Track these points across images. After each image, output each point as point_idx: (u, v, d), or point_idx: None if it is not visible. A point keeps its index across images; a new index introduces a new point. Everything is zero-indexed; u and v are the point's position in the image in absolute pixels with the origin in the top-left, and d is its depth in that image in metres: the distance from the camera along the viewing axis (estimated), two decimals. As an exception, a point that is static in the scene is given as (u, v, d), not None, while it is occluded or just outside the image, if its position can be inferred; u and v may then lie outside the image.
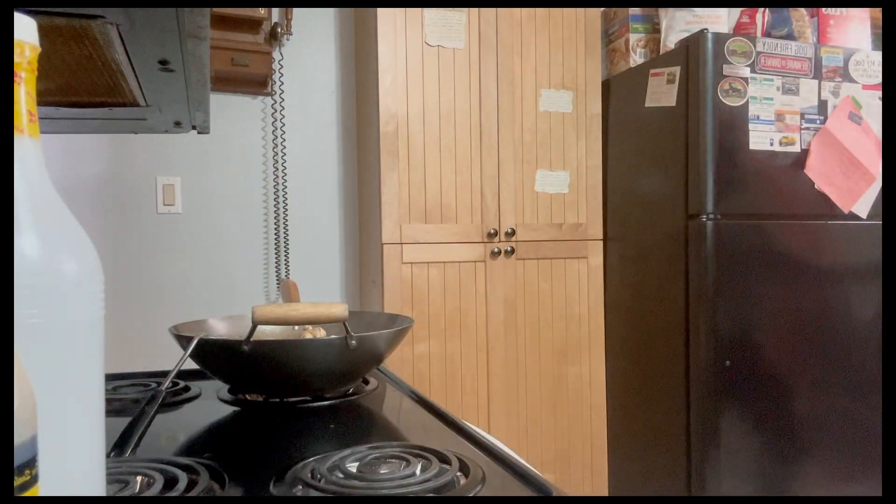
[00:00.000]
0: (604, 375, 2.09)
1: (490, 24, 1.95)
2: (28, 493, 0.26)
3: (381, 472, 0.56)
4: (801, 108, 1.80)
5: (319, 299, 2.18)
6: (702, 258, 1.73)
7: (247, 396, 0.89)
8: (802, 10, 1.93)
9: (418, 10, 1.87)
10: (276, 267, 2.13)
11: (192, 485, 0.54)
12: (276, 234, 2.13)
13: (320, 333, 0.98)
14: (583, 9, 2.06)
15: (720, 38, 1.73)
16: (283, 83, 2.13)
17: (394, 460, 0.58)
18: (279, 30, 2.03)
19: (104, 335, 0.41)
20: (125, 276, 1.98)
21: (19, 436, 0.25)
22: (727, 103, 1.73)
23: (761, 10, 1.91)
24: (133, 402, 0.85)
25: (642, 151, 1.96)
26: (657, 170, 1.90)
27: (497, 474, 0.58)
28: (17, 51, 0.34)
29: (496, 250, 1.95)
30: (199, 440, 0.70)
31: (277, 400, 0.85)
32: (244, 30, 1.91)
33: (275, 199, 2.13)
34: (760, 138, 1.76)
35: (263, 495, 0.54)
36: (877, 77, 1.88)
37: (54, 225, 0.36)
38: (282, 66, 2.12)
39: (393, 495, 0.51)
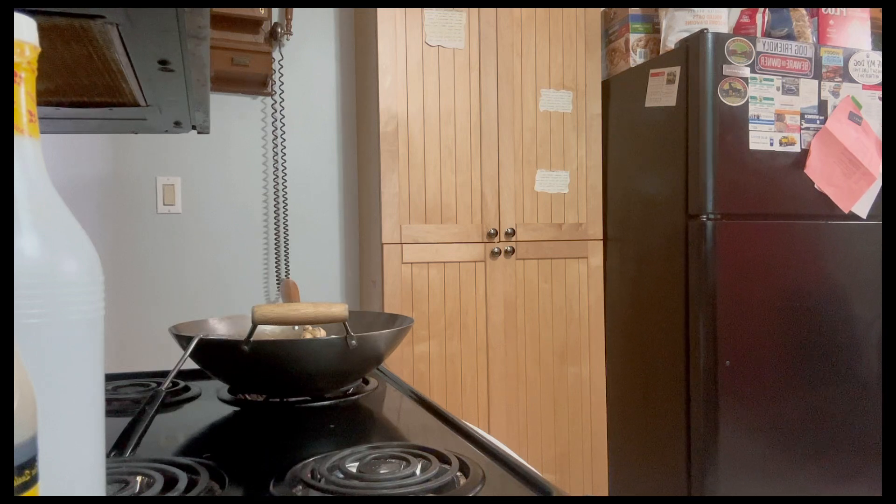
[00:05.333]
0: (604, 376, 2.09)
1: (490, 24, 1.95)
2: (28, 493, 0.26)
3: (381, 472, 0.56)
4: (801, 108, 1.80)
5: (319, 299, 2.18)
6: (702, 258, 1.73)
7: (247, 396, 0.89)
8: (802, 10, 1.93)
9: (418, 10, 1.87)
10: (276, 267, 2.13)
11: (192, 485, 0.54)
12: (276, 234, 2.13)
13: (320, 333, 0.98)
14: (583, 9, 2.06)
15: (720, 38, 1.73)
16: (283, 83, 2.13)
17: (394, 460, 0.58)
18: (279, 30, 2.03)
19: (104, 335, 0.41)
20: (125, 276, 1.98)
21: (19, 436, 0.25)
22: (727, 103, 1.73)
23: (761, 10, 1.91)
24: (133, 402, 0.85)
25: (642, 151, 1.96)
26: (657, 170, 1.90)
27: (497, 474, 0.58)
28: (17, 51, 0.34)
29: (496, 250, 1.95)
30: (199, 440, 0.70)
31: (277, 400, 0.85)
32: (244, 30, 1.91)
33: (275, 199, 2.13)
34: (760, 138, 1.76)
35: (263, 495, 0.54)
36: (877, 77, 1.88)
37: (54, 225, 0.36)
38: (282, 66, 2.12)
39: (393, 495, 0.51)
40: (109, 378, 0.98)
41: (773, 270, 1.77)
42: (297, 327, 1.00)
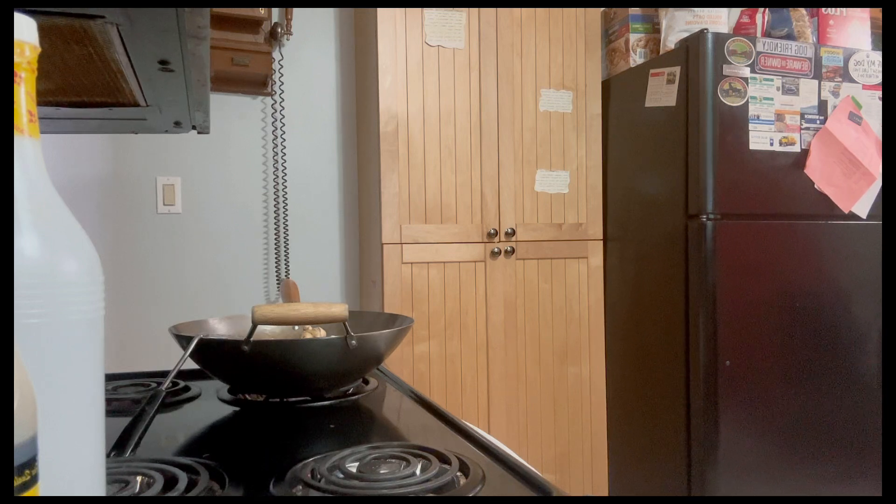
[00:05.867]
0: (604, 376, 2.09)
1: (490, 24, 1.95)
2: (28, 493, 0.26)
3: (381, 472, 0.56)
4: (801, 108, 1.80)
5: (319, 299, 2.18)
6: (702, 258, 1.73)
7: (247, 396, 0.89)
8: (802, 10, 1.93)
9: (418, 10, 1.87)
10: (276, 267, 2.13)
11: (192, 485, 0.54)
12: (276, 234, 2.13)
13: (320, 333, 0.98)
14: (583, 9, 2.06)
15: (720, 38, 1.73)
16: (283, 83, 2.13)
17: (394, 460, 0.58)
18: (279, 30, 2.03)
19: (104, 335, 0.41)
20: (125, 276, 1.98)
21: (19, 436, 0.25)
22: (727, 103, 1.73)
23: (761, 10, 1.91)
24: (133, 402, 0.85)
25: (642, 151, 1.96)
26: (657, 170, 1.90)
27: (497, 474, 0.58)
28: (17, 51, 0.34)
29: (496, 250, 1.95)
30: (199, 440, 0.70)
31: (277, 400, 0.85)
32: (244, 30, 1.91)
33: (275, 199, 2.13)
34: (760, 138, 1.76)
35: (263, 495, 0.54)
36: (877, 77, 1.88)
37: (54, 225, 0.36)
38: (282, 66, 2.12)
39: (393, 495, 0.51)
40: (109, 378, 0.98)
41: (773, 270, 1.77)
42: (297, 327, 1.00)
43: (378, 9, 1.84)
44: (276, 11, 2.09)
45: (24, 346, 0.34)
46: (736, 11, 1.94)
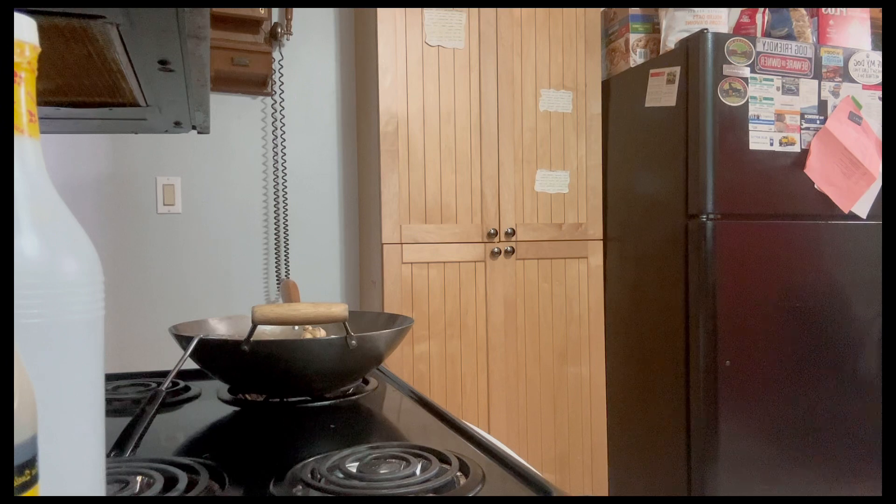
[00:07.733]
0: (604, 376, 2.09)
1: (490, 24, 1.95)
2: (28, 493, 0.26)
3: (381, 472, 0.56)
4: (801, 108, 1.80)
5: (319, 299, 2.18)
6: (702, 258, 1.73)
7: (247, 396, 0.89)
8: (802, 10, 1.93)
9: (418, 10, 1.87)
10: (276, 267, 2.13)
11: (192, 485, 0.54)
12: (276, 234, 2.13)
13: (320, 333, 0.98)
14: (583, 9, 2.06)
15: (720, 38, 1.73)
16: (283, 83, 2.13)
17: (394, 460, 0.58)
18: (279, 30, 2.03)
19: (104, 335, 0.41)
20: (125, 276, 1.98)
21: (19, 436, 0.25)
22: (727, 103, 1.73)
23: (761, 10, 1.91)
24: (133, 402, 0.85)
25: (642, 151, 1.96)
26: (657, 170, 1.90)
27: (497, 474, 0.58)
28: (17, 51, 0.34)
29: (496, 250, 1.95)
30: (199, 440, 0.70)
31: (277, 400, 0.85)
32: (244, 30, 1.91)
33: (275, 199, 2.13)
34: (760, 138, 1.76)
35: (263, 495, 0.54)
36: (877, 77, 1.88)
37: (54, 225, 0.36)
38: (282, 66, 2.12)
39: (393, 495, 0.51)
40: (109, 378, 0.98)
41: (773, 270, 1.77)
42: (297, 327, 1.00)
43: (378, 9, 1.84)
44: (276, 11, 2.09)
45: (24, 346, 0.34)
46: (736, 11, 1.94)
